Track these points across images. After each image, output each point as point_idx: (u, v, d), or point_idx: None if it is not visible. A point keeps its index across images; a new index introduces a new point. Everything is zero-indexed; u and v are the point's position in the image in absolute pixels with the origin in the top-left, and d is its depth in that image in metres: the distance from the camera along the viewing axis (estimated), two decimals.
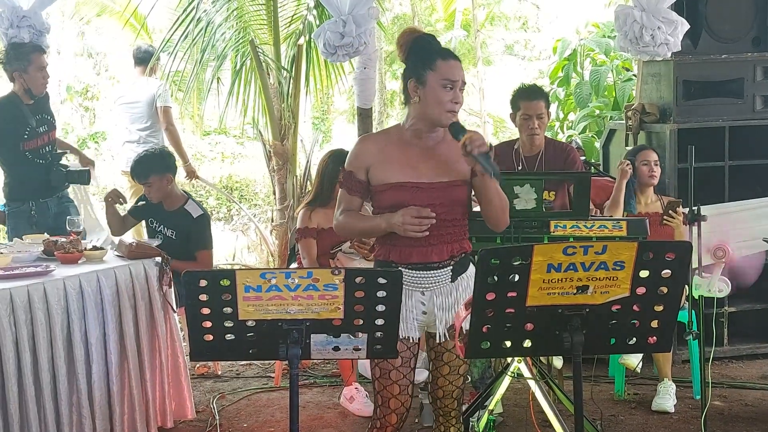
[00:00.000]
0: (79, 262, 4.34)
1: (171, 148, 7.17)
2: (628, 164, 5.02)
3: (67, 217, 4.92)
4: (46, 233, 4.94)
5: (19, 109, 5.31)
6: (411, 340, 3.17)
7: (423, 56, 3.13)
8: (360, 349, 2.69)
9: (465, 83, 3.17)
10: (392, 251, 3.16)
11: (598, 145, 6.76)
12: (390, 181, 3.12)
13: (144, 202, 5.39)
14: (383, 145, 3.20)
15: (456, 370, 3.26)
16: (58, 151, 5.60)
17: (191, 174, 7.57)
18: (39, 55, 5.34)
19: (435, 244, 3.12)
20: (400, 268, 2.87)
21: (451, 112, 3.10)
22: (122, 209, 5.62)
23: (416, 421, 4.74)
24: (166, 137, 7.25)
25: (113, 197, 5.26)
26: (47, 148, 5.45)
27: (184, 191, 5.44)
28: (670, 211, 4.87)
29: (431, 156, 3.16)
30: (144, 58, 7.34)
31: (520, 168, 4.77)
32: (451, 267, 3.16)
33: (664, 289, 2.53)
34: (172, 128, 7.27)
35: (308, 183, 7.05)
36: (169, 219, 5.28)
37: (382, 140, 3.25)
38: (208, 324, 2.62)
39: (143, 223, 5.56)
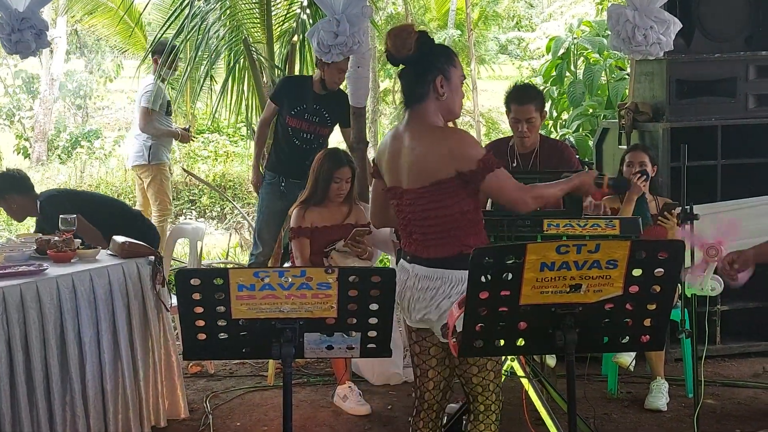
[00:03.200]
0: (72, 261, 4.33)
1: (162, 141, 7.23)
2: (641, 178, 4.85)
3: (60, 216, 4.91)
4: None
5: (305, 89, 5.85)
6: None
7: (446, 52, 3.17)
8: (353, 348, 2.70)
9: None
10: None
11: (591, 143, 6.77)
12: None
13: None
14: None
15: (484, 366, 3.27)
16: None
17: (185, 137, 7.60)
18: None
19: None
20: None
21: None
22: None
23: (409, 419, 4.73)
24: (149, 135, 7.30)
25: None
26: (310, 135, 5.82)
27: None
28: (666, 213, 4.87)
29: None
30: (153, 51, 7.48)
31: (515, 165, 4.76)
32: None
33: (657, 288, 2.54)
34: (147, 129, 7.28)
35: None
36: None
37: None
38: (201, 323, 2.62)
39: None
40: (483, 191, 3.19)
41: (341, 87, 5.94)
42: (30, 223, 5.82)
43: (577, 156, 5.15)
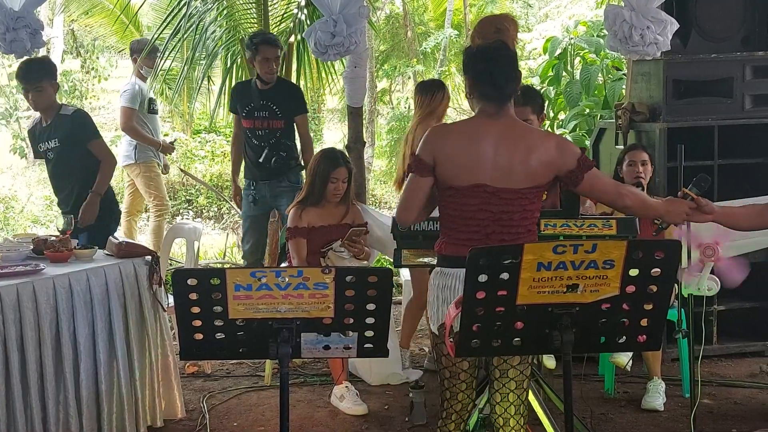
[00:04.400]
0: (69, 260, 4.33)
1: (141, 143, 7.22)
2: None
3: (63, 215, 4.93)
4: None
5: (249, 89, 5.91)
6: None
7: None
8: (350, 348, 2.69)
9: None
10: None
11: (588, 143, 6.77)
12: None
13: (30, 137, 5.41)
14: None
15: (504, 373, 3.22)
16: None
17: (167, 148, 7.58)
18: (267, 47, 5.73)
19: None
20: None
21: None
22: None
23: (406, 419, 4.74)
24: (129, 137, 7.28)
25: None
26: (264, 131, 5.86)
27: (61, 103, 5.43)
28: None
29: None
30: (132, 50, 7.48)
31: None
32: None
33: (654, 288, 2.54)
34: (128, 129, 7.26)
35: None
36: (48, 132, 5.25)
37: None
38: (198, 323, 2.61)
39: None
40: (586, 186, 3.17)
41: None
42: (28, 223, 5.81)
43: None
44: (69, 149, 5.24)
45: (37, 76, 5.14)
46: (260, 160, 5.84)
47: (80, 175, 5.28)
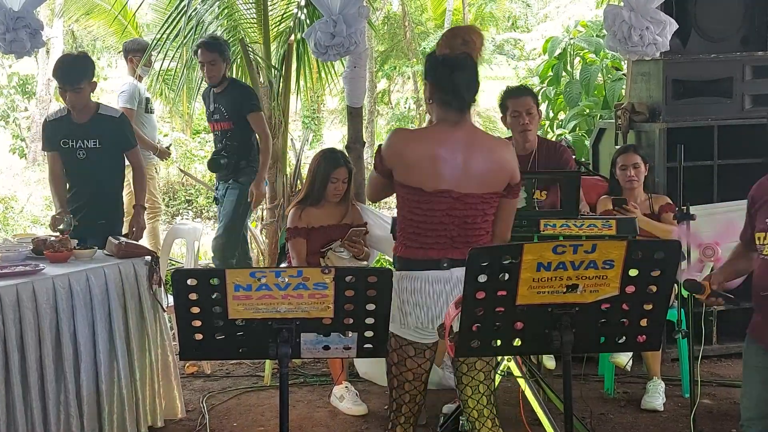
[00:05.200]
0: (69, 261, 4.33)
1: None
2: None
3: (62, 216, 4.91)
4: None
5: (207, 94, 6.20)
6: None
7: None
8: (350, 348, 2.69)
9: None
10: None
11: (588, 143, 6.77)
12: None
13: (51, 130, 5.24)
14: None
15: (473, 366, 3.31)
16: None
17: (164, 153, 7.58)
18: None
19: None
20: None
21: None
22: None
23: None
24: None
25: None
26: (218, 133, 6.06)
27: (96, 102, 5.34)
28: (618, 208, 4.87)
29: None
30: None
31: None
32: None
33: (654, 288, 2.54)
34: None
35: (298, 182, 7.04)
36: (86, 131, 5.13)
37: None
38: (198, 323, 2.61)
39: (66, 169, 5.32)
40: (501, 205, 3.31)
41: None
42: (27, 223, 5.81)
43: (574, 156, 5.15)
44: (107, 152, 5.15)
45: (78, 77, 5.02)
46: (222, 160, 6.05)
47: (107, 178, 5.21)
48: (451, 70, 3.25)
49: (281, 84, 7.06)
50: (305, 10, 7.11)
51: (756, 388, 3.29)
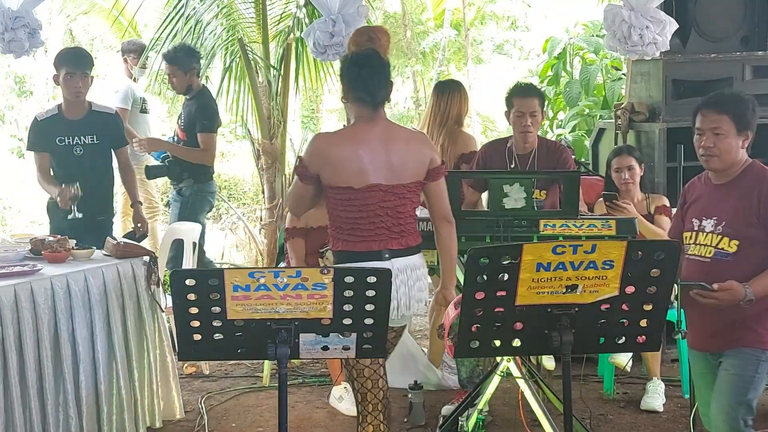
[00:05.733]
0: (67, 261, 4.31)
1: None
2: None
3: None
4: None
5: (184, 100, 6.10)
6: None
7: None
8: (349, 349, 2.69)
9: None
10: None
11: (587, 143, 6.77)
12: None
13: (43, 129, 5.17)
14: None
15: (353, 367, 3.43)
16: None
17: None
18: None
19: None
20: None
21: None
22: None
23: (405, 420, 4.73)
24: None
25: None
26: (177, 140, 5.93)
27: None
28: (611, 204, 4.86)
29: None
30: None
31: (512, 166, 4.76)
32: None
33: (653, 289, 2.53)
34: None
35: None
36: (82, 127, 5.11)
37: None
38: (197, 323, 2.61)
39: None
40: (429, 189, 3.53)
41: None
42: (26, 223, 5.79)
43: (573, 156, 5.15)
44: (103, 149, 5.18)
45: (86, 63, 5.10)
46: (175, 167, 5.93)
47: (102, 174, 5.24)
48: (360, 66, 3.42)
49: (280, 83, 7.06)
50: (304, 10, 7.10)
51: (705, 393, 3.40)
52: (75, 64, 5.05)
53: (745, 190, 3.21)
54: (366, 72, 3.38)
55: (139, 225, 5.25)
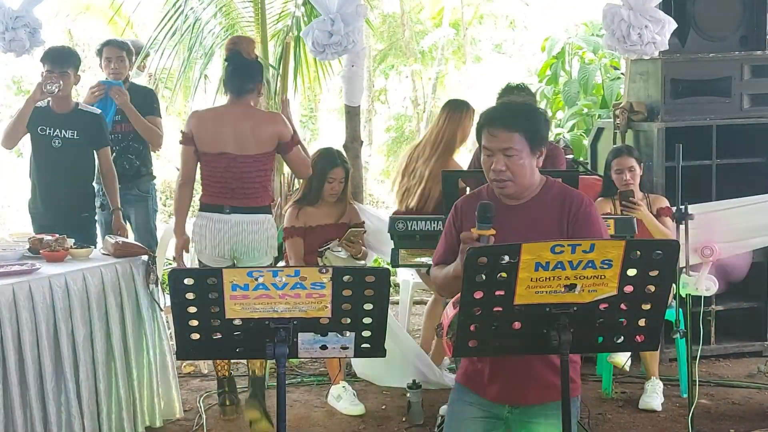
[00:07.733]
0: (65, 260, 4.31)
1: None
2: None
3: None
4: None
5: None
6: None
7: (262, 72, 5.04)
8: (347, 348, 2.68)
9: None
10: None
11: (586, 143, 6.77)
12: None
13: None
14: None
15: None
16: None
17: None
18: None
19: None
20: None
21: None
22: None
23: (403, 419, 4.74)
24: None
25: None
26: (117, 136, 5.69)
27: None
28: (625, 201, 4.85)
29: None
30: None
31: None
32: None
33: (652, 288, 2.53)
34: None
35: (296, 181, 7.04)
36: (66, 121, 5.10)
37: None
38: (195, 323, 2.60)
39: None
40: (287, 159, 4.67)
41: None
42: (25, 222, 5.78)
43: (572, 156, 5.15)
44: (84, 147, 5.16)
45: (67, 61, 5.09)
46: (125, 168, 5.66)
47: (80, 170, 5.21)
48: (227, 63, 4.62)
49: (278, 83, 7.06)
50: (303, 9, 7.10)
51: None
52: (53, 61, 5.07)
53: (545, 211, 2.88)
54: (228, 67, 4.58)
55: (119, 233, 5.10)
